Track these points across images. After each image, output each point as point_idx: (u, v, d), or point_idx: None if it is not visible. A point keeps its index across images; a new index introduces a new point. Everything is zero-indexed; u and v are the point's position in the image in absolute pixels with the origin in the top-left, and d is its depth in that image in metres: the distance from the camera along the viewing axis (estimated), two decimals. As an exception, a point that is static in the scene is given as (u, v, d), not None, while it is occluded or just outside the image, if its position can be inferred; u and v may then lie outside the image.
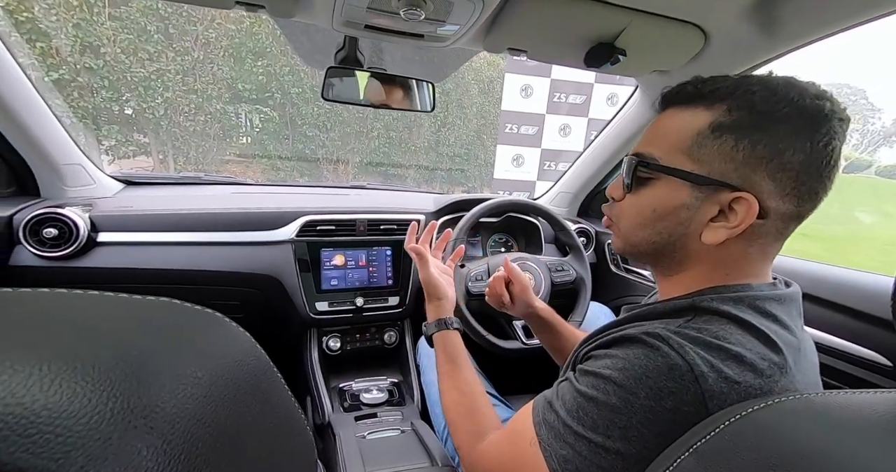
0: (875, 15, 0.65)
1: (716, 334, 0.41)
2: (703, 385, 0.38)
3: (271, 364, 0.24)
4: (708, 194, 0.44)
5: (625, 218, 0.51)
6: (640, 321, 0.47)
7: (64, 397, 0.14)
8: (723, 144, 0.43)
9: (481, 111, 6.34)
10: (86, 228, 0.92)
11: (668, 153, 0.46)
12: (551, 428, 0.44)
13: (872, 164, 18.31)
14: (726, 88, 0.44)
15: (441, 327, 0.71)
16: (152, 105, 4.82)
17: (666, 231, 0.47)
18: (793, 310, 0.46)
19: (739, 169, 0.43)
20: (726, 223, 0.44)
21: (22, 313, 0.18)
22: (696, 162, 0.44)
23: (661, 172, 0.46)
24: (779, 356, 0.41)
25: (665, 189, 0.46)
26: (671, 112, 0.48)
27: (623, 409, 0.40)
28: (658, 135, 0.48)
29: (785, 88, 0.42)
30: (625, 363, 0.41)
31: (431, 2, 0.61)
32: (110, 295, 0.20)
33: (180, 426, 0.16)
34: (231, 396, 0.19)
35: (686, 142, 0.45)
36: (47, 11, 4.08)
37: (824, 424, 0.29)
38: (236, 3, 0.65)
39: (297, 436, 0.25)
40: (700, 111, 0.45)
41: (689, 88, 0.47)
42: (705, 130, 0.44)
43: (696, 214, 0.45)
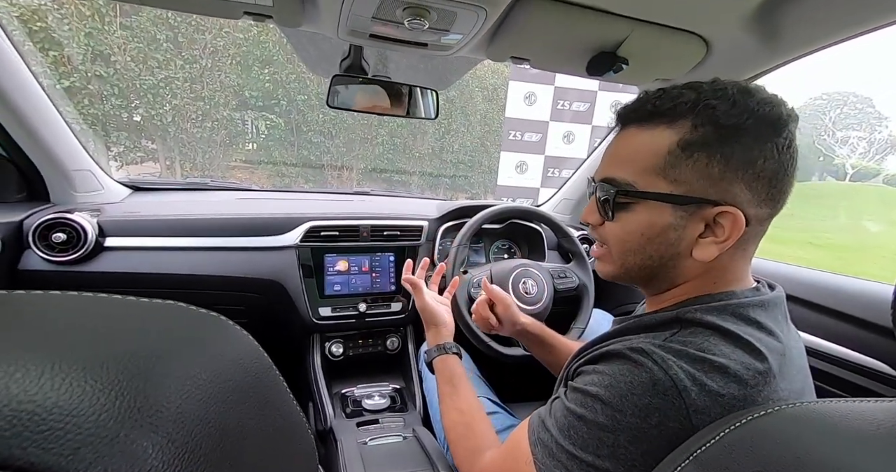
0: (876, 25, 0.65)
1: (700, 347, 0.41)
2: (686, 400, 0.38)
3: (274, 368, 0.24)
4: (692, 212, 0.44)
5: (613, 244, 0.50)
6: (627, 336, 0.47)
7: (74, 395, 0.15)
8: (696, 161, 0.43)
9: (485, 118, 6.39)
10: (94, 233, 0.93)
11: (642, 177, 0.45)
12: (545, 447, 0.44)
13: (880, 172, 18.20)
14: (685, 103, 0.43)
15: (441, 352, 0.74)
16: (160, 112, 4.90)
17: (657, 254, 0.47)
18: (778, 314, 0.47)
19: (717, 184, 0.43)
20: (715, 238, 0.44)
21: (33, 315, 0.18)
22: (673, 183, 0.44)
23: (642, 199, 0.46)
24: (763, 364, 0.41)
25: (647, 213, 0.46)
26: (631, 132, 0.47)
27: (610, 427, 0.40)
28: (624, 157, 0.47)
29: (742, 97, 0.42)
30: (611, 380, 0.42)
31: (435, 11, 0.62)
32: (117, 298, 0.21)
33: (184, 426, 0.16)
34: (233, 398, 0.20)
35: (658, 163, 0.44)
36: (60, 21, 4.17)
37: (825, 432, 0.29)
38: (244, 13, 0.67)
39: (299, 440, 0.25)
40: (662, 130, 0.44)
41: (647, 107, 0.46)
42: (675, 149, 0.43)
43: (683, 232, 0.45)
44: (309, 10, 0.68)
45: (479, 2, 0.59)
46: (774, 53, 0.76)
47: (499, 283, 0.98)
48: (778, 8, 0.65)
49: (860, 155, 18.78)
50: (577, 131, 5.05)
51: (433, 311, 0.78)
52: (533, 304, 0.98)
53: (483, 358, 0.98)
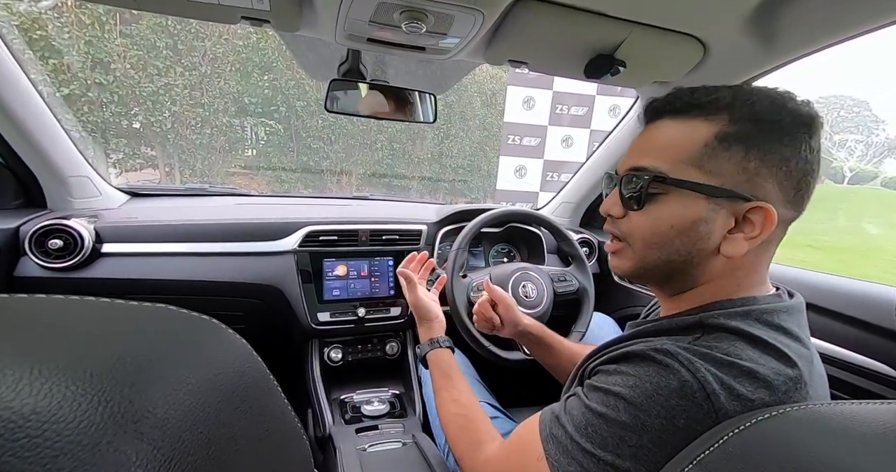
0: (871, 27, 0.65)
1: (726, 351, 0.40)
2: (715, 403, 0.37)
3: (269, 374, 0.23)
4: (724, 206, 0.43)
5: (639, 237, 0.48)
6: (647, 338, 0.46)
7: (54, 401, 0.14)
8: (733, 154, 0.42)
9: (484, 123, 6.41)
10: (90, 239, 0.92)
11: (676, 166, 0.44)
12: (559, 444, 0.43)
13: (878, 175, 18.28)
14: (724, 97, 0.43)
15: (434, 346, 0.75)
16: (160, 119, 4.91)
17: (685, 248, 0.45)
18: (801, 320, 0.46)
19: (752, 179, 0.42)
20: (745, 234, 0.43)
21: (16, 318, 0.18)
22: (708, 174, 0.43)
23: (674, 186, 0.44)
24: (794, 370, 0.40)
25: (678, 203, 0.44)
26: (664, 123, 0.47)
27: (634, 427, 0.39)
28: (657, 147, 0.46)
29: (781, 97, 0.43)
30: (636, 381, 0.40)
31: (433, 15, 0.62)
32: (106, 301, 0.20)
33: (171, 432, 0.16)
34: (225, 404, 0.19)
35: (693, 154, 0.43)
36: (60, 30, 4.19)
37: (830, 435, 0.28)
38: (242, 17, 0.67)
39: (294, 446, 0.24)
40: (699, 122, 0.44)
41: (684, 98, 0.46)
42: (712, 140, 0.43)
43: (714, 227, 0.44)
44: (307, 15, 0.69)
45: (477, 5, 0.59)
46: (771, 55, 0.76)
47: (498, 286, 0.98)
48: (774, 10, 0.65)
49: (858, 158, 18.87)
50: (576, 135, 5.07)
51: (426, 306, 0.79)
52: (533, 307, 0.98)
53: (483, 363, 0.98)
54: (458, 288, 0.94)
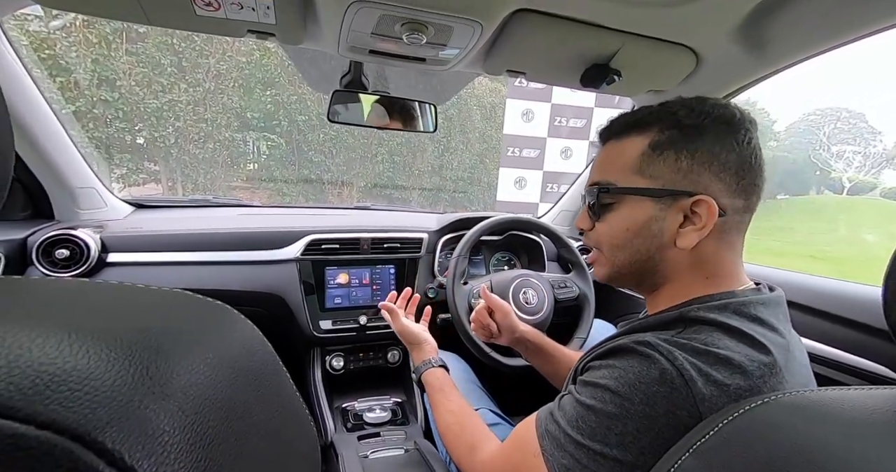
0: (859, 34, 0.67)
1: (704, 341, 0.43)
2: (693, 389, 0.40)
3: (277, 359, 0.24)
4: (669, 204, 0.49)
5: (603, 244, 0.54)
6: (634, 334, 0.49)
7: (91, 361, 0.15)
8: (666, 158, 0.49)
9: (484, 136, 6.48)
10: (96, 248, 0.94)
11: (623, 176, 0.51)
12: (553, 438, 0.45)
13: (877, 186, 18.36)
14: (651, 114, 0.51)
15: (428, 366, 0.78)
16: (163, 134, 4.98)
17: (643, 247, 0.51)
18: (779, 313, 0.49)
19: (688, 176, 0.48)
20: (693, 226, 0.48)
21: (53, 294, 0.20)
22: (649, 178, 0.49)
23: (622, 194, 0.51)
24: (768, 357, 0.43)
25: (630, 208, 0.51)
26: (610, 144, 0.54)
27: (619, 415, 0.41)
28: (606, 164, 0.54)
29: (699, 103, 0.49)
30: (620, 372, 0.43)
31: (433, 27, 0.64)
32: (129, 285, 0.22)
33: (193, 398, 0.17)
34: (240, 380, 0.20)
35: (634, 163, 0.50)
36: (68, 48, 4.29)
37: (821, 419, 0.29)
38: (248, 31, 0.69)
39: (302, 428, 0.25)
40: (634, 138, 0.51)
41: (619, 123, 0.53)
42: (647, 150, 0.50)
43: (665, 224, 0.49)
44: (310, 28, 0.71)
45: (475, 16, 0.61)
46: (763, 64, 0.78)
47: (499, 293, 0.98)
48: (763, 20, 0.67)
49: (856, 169, 18.98)
50: (575, 147, 5.12)
51: (412, 331, 0.83)
52: (533, 314, 0.98)
53: (485, 369, 0.97)
54: (460, 295, 0.95)
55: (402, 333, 0.84)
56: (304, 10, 0.66)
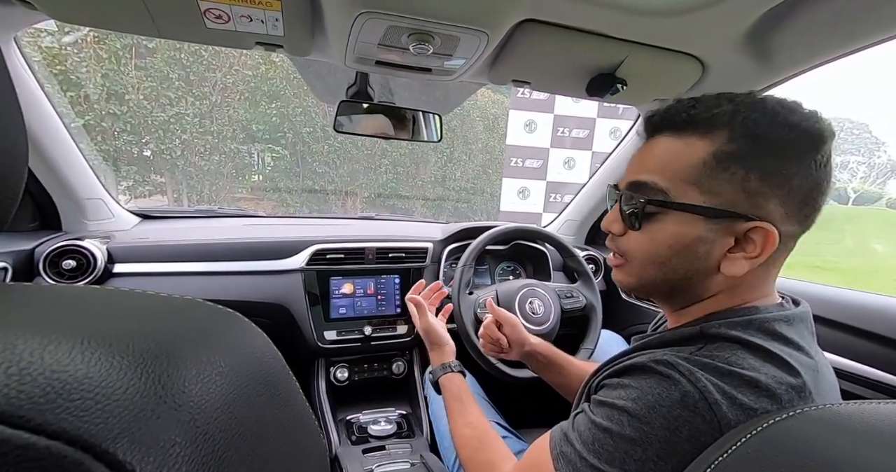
0: (864, 44, 0.67)
1: (727, 360, 0.39)
2: (717, 413, 0.37)
3: (287, 367, 0.24)
4: (723, 226, 0.42)
5: (637, 255, 0.47)
6: (650, 350, 0.46)
7: (103, 369, 0.15)
8: (733, 174, 0.41)
9: (487, 146, 6.52)
10: (103, 259, 0.94)
11: (675, 184, 0.44)
12: (569, 462, 0.42)
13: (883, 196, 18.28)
14: (723, 114, 0.42)
15: (446, 371, 0.75)
16: (170, 147, 5.03)
17: (682, 267, 0.45)
18: (804, 330, 0.45)
19: (752, 198, 0.41)
20: (745, 253, 0.42)
21: (66, 301, 0.19)
22: (707, 193, 0.42)
23: (673, 209, 0.44)
24: (797, 379, 0.39)
25: (677, 224, 0.44)
26: (663, 140, 0.46)
27: (638, 440, 0.39)
28: (657, 164, 0.46)
29: (784, 111, 0.41)
30: (638, 393, 0.40)
31: (439, 37, 0.65)
32: (140, 292, 0.22)
33: (205, 408, 0.17)
34: (251, 389, 0.20)
35: (692, 173, 0.43)
36: (79, 64, 4.37)
37: (849, 434, 0.28)
38: (257, 43, 0.70)
39: (312, 439, 0.24)
40: (696, 139, 0.43)
41: (682, 115, 0.44)
42: (710, 160, 0.42)
43: (713, 246, 0.43)
44: (318, 40, 0.72)
45: (481, 27, 0.62)
46: (769, 73, 0.78)
47: (505, 303, 0.97)
48: (769, 29, 0.68)
49: (861, 179, 18.90)
50: (578, 157, 5.13)
51: (438, 331, 0.80)
52: (540, 324, 0.97)
53: (491, 382, 0.96)
54: (465, 305, 0.94)
55: (427, 331, 0.80)
56: (312, 22, 0.67)
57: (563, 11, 0.63)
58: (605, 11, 0.62)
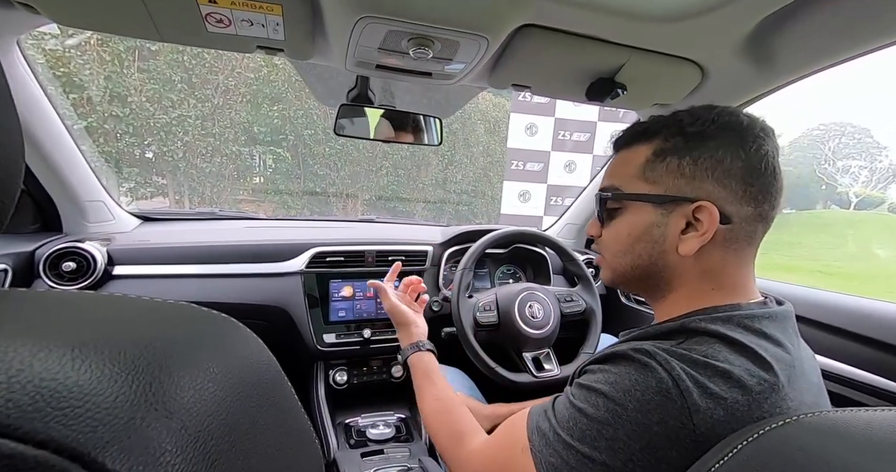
0: (864, 50, 0.67)
1: (704, 353, 0.42)
2: (688, 400, 0.39)
3: (282, 373, 0.24)
4: (671, 210, 0.49)
5: (607, 249, 0.56)
6: (633, 341, 0.49)
7: (93, 376, 0.15)
8: (669, 164, 0.49)
9: (488, 150, 6.53)
10: (103, 261, 0.94)
11: (627, 183, 0.53)
12: (543, 436, 0.45)
13: (885, 200, 18.26)
14: (658, 123, 0.52)
15: (415, 350, 0.76)
16: (172, 149, 5.05)
17: (645, 252, 0.51)
18: (787, 327, 0.48)
19: (690, 182, 0.48)
20: (696, 233, 0.48)
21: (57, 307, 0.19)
22: (652, 184, 0.50)
23: (625, 199, 0.53)
24: (769, 374, 0.42)
25: (633, 214, 0.52)
26: (620, 153, 0.56)
27: (611, 421, 0.41)
28: (614, 171, 0.55)
29: (705, 111, 0.50)
30: (616, 378, 0.43)
31: (439, 41, 0.65)
32: (133, 297, 0.22)
33: (197, 415, 0.17)
34: (245, 395, 0.19)
35: (638, 170, 0.52)
36: (82, 66, 4.40)
37: (845, 442, 0.28)
38: (258, 47, 0.70)
39: (307, 444, 0.24)
40: (642, 146, 0.52)
41: (630, 133, 0.55)
42: (651, 156, 0.51)
43: (666, 229, 0.49)
44: (319, 43, 0.72)
45: (481, 31, 0.62)
46: (769, 78, 0.78)
47: (505, 307, 0.97)
48: (769, 34, 0.68)
49: (863, 183, 18.92)
50: (579, 160, 5.14)
51: (401, 311, 0.80)
52: (540, 328, 0.97)
53: (488, 385, 0.96)
54: (465, 308, 0.94)
55: (391, 311, 0.81)
56: (313, 26, 0.67)
57: (562, 16, 0.63)
58: (604, 16, 0.62)
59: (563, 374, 0.95)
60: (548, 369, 0.95)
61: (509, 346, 0.98)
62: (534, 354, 0.97)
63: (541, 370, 0.95)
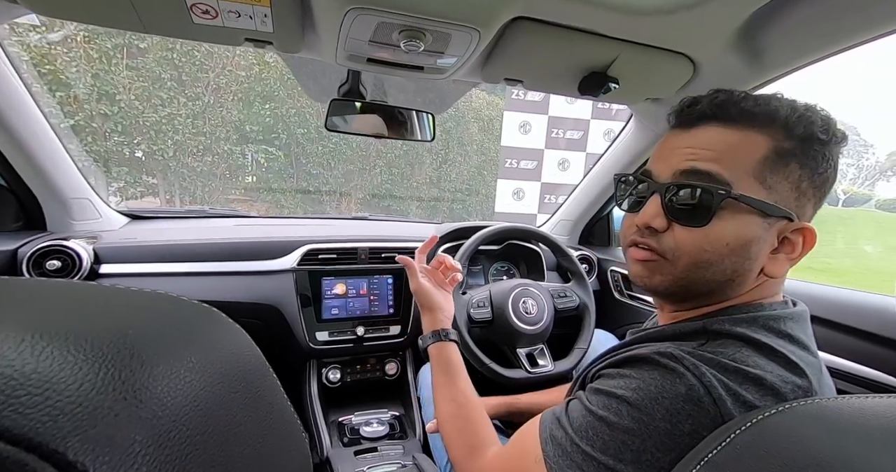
0: (853, 42, 0.67)
1: (732, 357, 0.39)
2: (721, 409, 0.36)
3: (268, 366, 0.23)
4: (773, 225, 0.41)
5: (686, 253, 0.43)
6: (650, 343, 0.45)
7: (55, 363, 0.14)
8: (791, 172, 0.41)
9: (482, 148, 6.53)
10: (89, 259, 0.92)
11: (739, 177, 0.41)
12: (558, 445, 0.42)
13: (872, 197, 18.55)
14: (781, 110, 0.41)
15: (437, 339, 0.68)
16: (162, 148, 4.99)
17: (731, 268, 0.42)
18: (807, 328, 0.45)
19: (799, 198, 0.41)
20: (786, 255, 0.42)
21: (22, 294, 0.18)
22: (768, 190, 0.41)
23: (740, 201, 0.40)
24: (802, 379, 0.39)
25: (738, 221, 0.41)
26: (714, 129, 0.42)
27: (637, 431, 0.38)
28: (715, 153, 0.42)
29: (827, 115, 0.42)
30: (639, 383, 0.40)
31: (430, 34, 0.64)
32: (109, 286, 0.21)
33: (171, 406, 0.16)
34: (225, 387, 0.19)
35: (755, 166, 0.41)
36: (68, 64, 4.32)
37: (839, 428, 0.28)
38: (246, 39, 0.69)
39: (293, 439, 0.24)
40: (754, 132, 0.41)
41: (739, 106, 0.42)
42: (772, 154, 0.40)
43: (763, 247, 0.42)
44: (308, 36, 0.71)
45: (473, 24, 0.61)
46: (760, 72, 0.78)
47: (499, 303, 0.97)
48: (759, 28, 0.68)
49: (850, 181, 19.17)
50: (572, 158, 5.16)
51: (428, 292, 0.71)
52: (533, 324, 0.96)
53: (483, 381, 0.95)
54: (458, 305, 0.93)
55: (417, 292, 0.72)
56: (302, 18, 0.66)
57: (554, 9, 0.62)
58: (596, 10, 0.62)
59: (557, 370, 0.95)
60: (542, 365, 0.95)
61: (503, 342, 0.98)
62: (528, 350, 0.97)
63: (534, 366, 0.95)
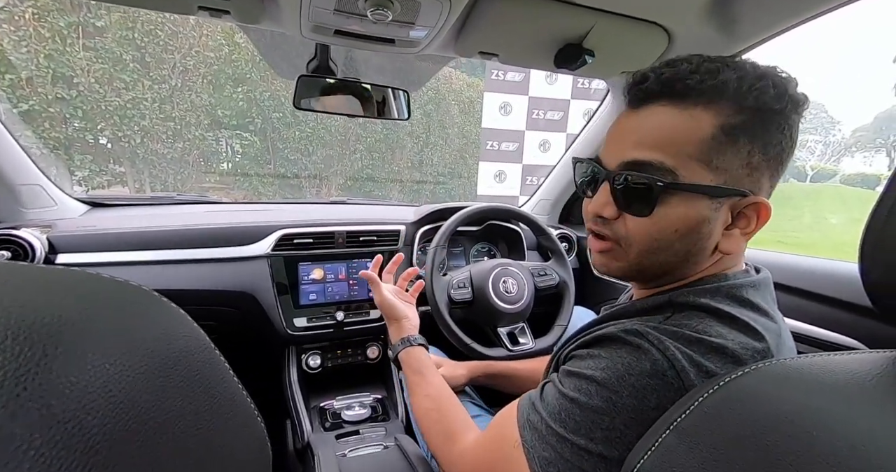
0: (825, 8, 0.67)
1: (695, 328, 0.40)
2: (685, 381, 0.37)
3: (212, 346, 0.21)
4: (724, 203, 0.41)
5: (637, 241, 0.43)
6: (618, 320, 0.46)
7: None
8: (741, 148, 0.39)
9: (463, 130, 6.46)
10: (43, 249, 0.87)
11: (683, 163, 0.39)
12: (534, 430, 0.42)
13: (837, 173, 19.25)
14: (730, 82, 0.38)
15: (406, 345, 0.72)
16: (128, 134, 4.76)
17: (683, 249, 0.42)
18: (767, 295, 0.46)
19: (751, 174, 0.40)
20: (741, 230, 0.42)
21: None
22: (715, 171, 0.39)
23: (684, 190, 0.40)
24: (761, 343, 0.40)
25: (684, 205, 0.40)
26: (661, 109, 0.40)
27: (606, 410, 0.39)
28: (657, 138, 0.40)
29: (782, 81, 0.39)
30: (607, 363, 0.40)
31: (398, 2, 0.61)
32: (24, 264, 0.18)
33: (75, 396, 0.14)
34: (154, 373, 0.17)
35: (701, 149, 0.39)
36: (17, 43, 4.04)
37: (803, 386, 0.28)
38: (199, 7, 0.64)
39: (246, 425, 0.22)
40: (700, 110, 0.39)
41: (685, 82, 0.39)
42: (719, 133, 0.38)
43: (715, 226, 0.41)
44: (269, 5, 0.67)
45: (441, -10, 0.58)
46: (734, 42, 0.78)
47: (479, 283, 0.96)
48: None
49: (818, 157, 19.83)
50: (553, 140, 5.16)
51: (391, 304, 0.76)
52: (514, 302, 0.96)
53: (465, 360, 0.95)
54: (438, 286, 0.92)
55: (381, 305, 0.76)
56: (260, -15, 0.61)
57: (527, -26, 0.60)
58: (570, -25, 0.59)
59: (538, 347, 0.96)
60: (522, 343, 0.96)
61: (484, 322, 0.98)
62: (509, 328, 0.97)
63: (516, 345, 0.95)
